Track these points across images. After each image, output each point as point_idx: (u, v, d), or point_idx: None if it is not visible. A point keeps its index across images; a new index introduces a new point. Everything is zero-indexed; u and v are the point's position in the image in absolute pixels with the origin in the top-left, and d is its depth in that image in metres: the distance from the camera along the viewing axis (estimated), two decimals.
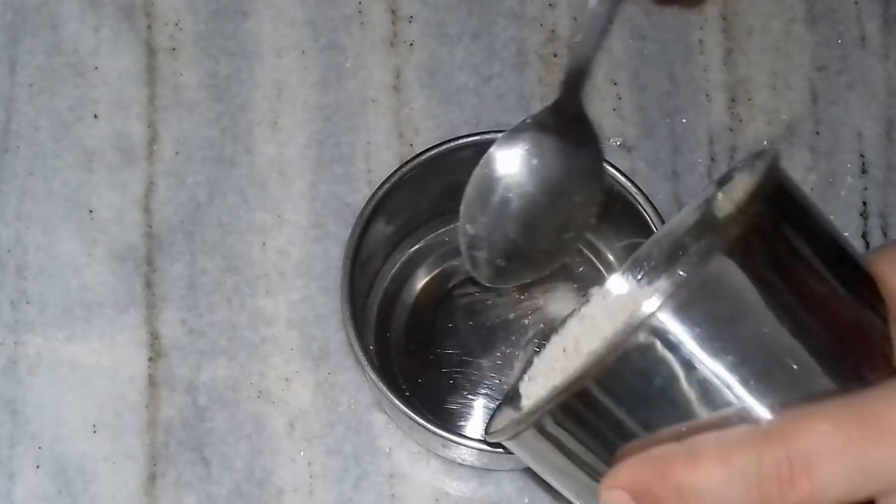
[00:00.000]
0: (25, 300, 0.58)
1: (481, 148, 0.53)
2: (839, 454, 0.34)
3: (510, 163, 0.50)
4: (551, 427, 0.38)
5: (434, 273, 0.58)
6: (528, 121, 0.50)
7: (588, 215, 0.51)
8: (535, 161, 0.50)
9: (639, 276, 0.45)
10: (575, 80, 0.50)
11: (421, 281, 0.58)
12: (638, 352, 0.36)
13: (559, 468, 0.40)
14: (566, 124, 0.50)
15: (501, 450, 0.46)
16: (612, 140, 0.61)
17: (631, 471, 0.36)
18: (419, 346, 0.57)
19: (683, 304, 0.36)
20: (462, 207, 0.50)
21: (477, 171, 0.50)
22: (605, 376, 0.36)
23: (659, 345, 0.36)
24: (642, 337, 0.36)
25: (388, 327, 0.57)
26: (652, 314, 0.35)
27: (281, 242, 0.59)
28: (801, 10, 0.64)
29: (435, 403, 0.56)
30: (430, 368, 0.57)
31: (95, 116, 0.60)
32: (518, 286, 0.56)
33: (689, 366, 0.36)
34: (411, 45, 0.62)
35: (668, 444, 0.36)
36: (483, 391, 0.56)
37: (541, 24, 0.62)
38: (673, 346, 0.36)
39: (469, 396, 0.56)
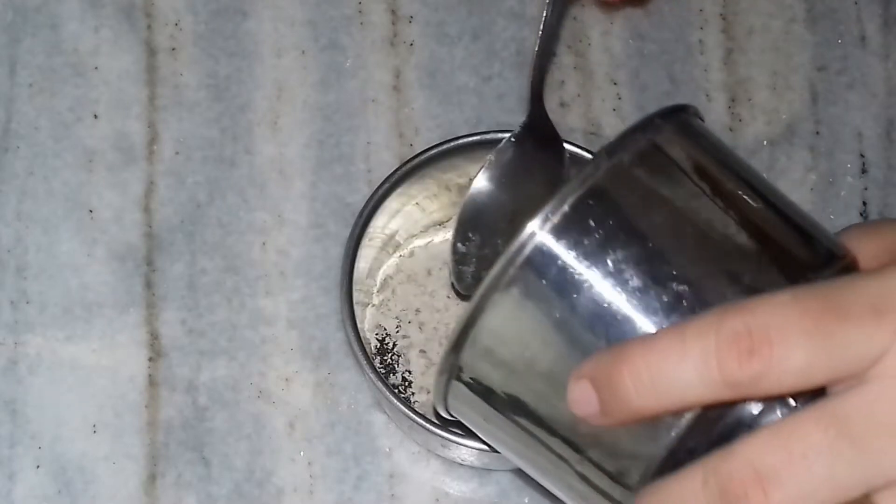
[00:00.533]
0: (25, 300, 0.58)
1: (481, 148, 0.53)
2: (799, 324, 0.34)
3: (498, 183, 0.52)
4: (470, 375, 0.39)
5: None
6: (512, 140, 0.52)
7: None
8: (519, 178, 0.52)
9: None
10: (539, 93, 0.53)
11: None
12: (523, 274, 0.37)
13: (501, 428, 0.40)
14: (540, 138, 0.53)
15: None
16: None
17: (594, 361, 0.36)
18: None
19: (560, 225, 0.37)
20: (455, 227, 0.52)
21: (468, 194, 0.52)
22: (494, 305, 0.37)
23: (545, 264, 0.37)
24: (523, 257, 0.37)
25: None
26: (530, 235, 0.37)
27: (281, 242, 0.59)
28: (801, 10, 0.64)
29: None
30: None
31: (95, 116, 0.60)
32: None
33: (575, 285, 0.37)
34: (411, 45, 0.62)
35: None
36: None
37: None
38: (559, 265, 0.37)
39: None
